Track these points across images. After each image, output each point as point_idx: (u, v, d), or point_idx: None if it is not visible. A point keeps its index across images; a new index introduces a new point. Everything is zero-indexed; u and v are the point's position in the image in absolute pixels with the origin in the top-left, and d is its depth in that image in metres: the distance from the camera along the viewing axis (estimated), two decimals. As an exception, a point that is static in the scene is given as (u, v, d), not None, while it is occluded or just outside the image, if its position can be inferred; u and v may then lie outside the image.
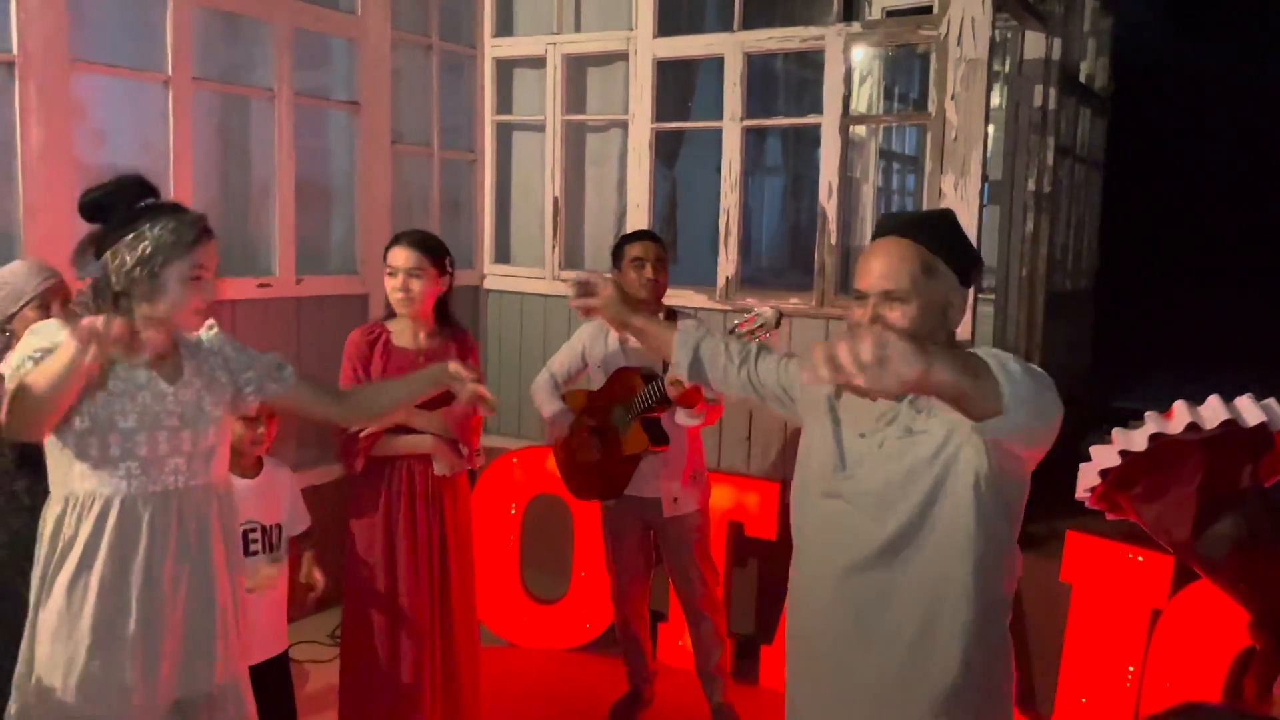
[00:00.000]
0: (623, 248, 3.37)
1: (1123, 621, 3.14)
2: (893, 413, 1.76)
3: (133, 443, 1.94)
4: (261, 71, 4.06)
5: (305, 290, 4.17)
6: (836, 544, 1.80)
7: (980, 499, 1.68)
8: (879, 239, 1.79)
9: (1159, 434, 1.94)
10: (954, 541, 1.70)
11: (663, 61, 4.52)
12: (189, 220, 1.97)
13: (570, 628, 4.09)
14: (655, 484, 3.33)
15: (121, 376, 1.95)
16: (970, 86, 3.80)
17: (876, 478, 1.75)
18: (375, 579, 2.84)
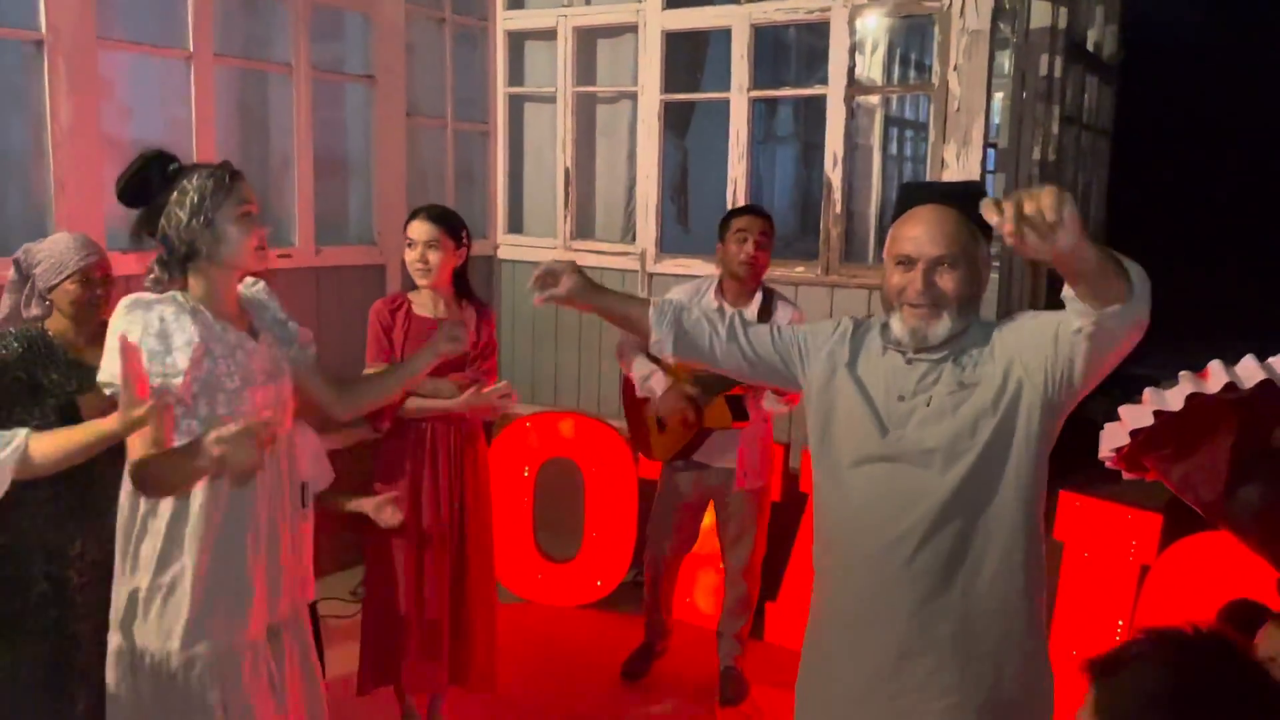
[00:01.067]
0: (729, 221, 3.37)
1: (1113, 577, 3.26)
2: (935, 373, 1.83)
3: (239, 399, 2.04)
4: (280, 47, 4.16)
5: (324, 260, 4.30)
6: (898, 504, 1.82)
7: (1041, 436, 1.78)
8: (918, 207, 1.85)
9: (1196, 394, 1.98)
10: (1021, 479, 1.79)
11: (672, 33, 4.59)
12: (218, 165, 2.07)
13: (582, 585, 4.25)
14: (730, 455, 3.37)
15: (220, 338, 2.03)
16: (973, 57, 3.86)
17: (939, 433, 1.79)
18: (398, 536, 2.98)
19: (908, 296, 1.82)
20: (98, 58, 3.42)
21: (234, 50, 4.07)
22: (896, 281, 1.84)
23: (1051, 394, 1.76)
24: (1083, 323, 1.61)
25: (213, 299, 2.07)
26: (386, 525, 2.88)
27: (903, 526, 1.82)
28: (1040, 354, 1.75)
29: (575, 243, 4.95)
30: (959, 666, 1.83)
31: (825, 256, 4.26)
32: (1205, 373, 1.97)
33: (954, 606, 1.83)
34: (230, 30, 4.07)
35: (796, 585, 3.93)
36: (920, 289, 1.80)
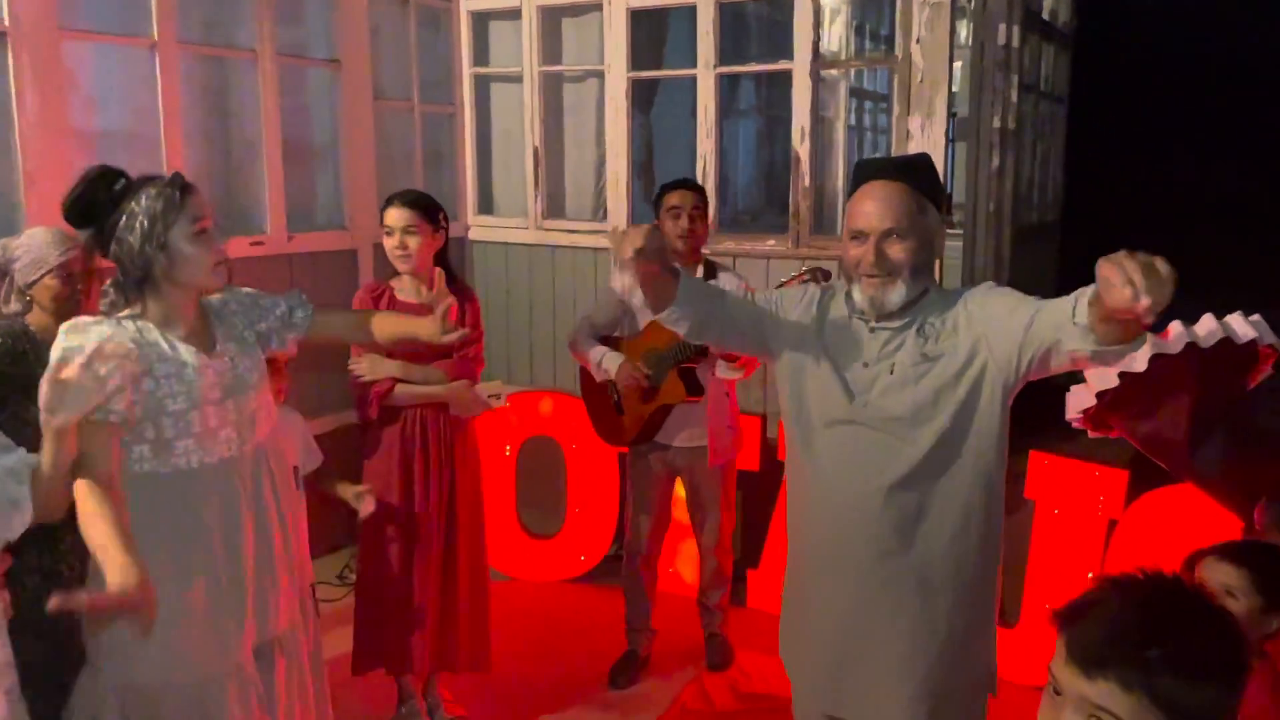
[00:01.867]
0: (662, 196, 3.40)
1: (1082, 533, 3.37)
2: (897, 340, 1.93)
3: (185, 422, 1.97)
4: (245, 33, 4.13)
5: (296, 247, 4.29)
6: (865, 466, 1.93)
7: (1004, 408, 1.89)
8: (869, 182, 1.94)
9: (1159, 355, 2.07)
10: (987, 447, 1.90)
11: (637, 10, 4.61)
12: (167, 181, 1.98)
13: (566, 560, 4.31)
14: (692, 433, 3.40)
15: (166, 358, 1.96)
16: (934, 29, 3.93)
17: (902, 402, 1.90)
18: (389, 520, 3.01)
19: (863, 268, 1.93)
20: (61, 48, 3.39)
21: (198, 37, 4.04)
22: (853, 254, 1.95)
23: (1012, 377, 1.87)
24: (1080, 346, 1.69)
25: (170, 318, 2.00)
26: (363, 514, 2.89)
27: (869, 486, 1.93)
28: (1010, 339, 1.83)
29: (547, 222, 4.97)
30: (911, 619, 1.96)
31: (795, 229, 4.32)
32: (1166, 333, 2.07)
33: (912, 563, 1.94)
34: (194, 17, 4.03)
35: (777, 553, 4.02)
36: (873, 260, 1.91)
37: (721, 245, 4.49)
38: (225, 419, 2.03)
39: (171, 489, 1.98)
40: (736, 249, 4.46)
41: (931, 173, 1.99)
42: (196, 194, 2.00)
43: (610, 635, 3.71)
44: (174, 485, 1.98)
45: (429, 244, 3.00)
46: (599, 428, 3.58)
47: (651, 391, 3.35)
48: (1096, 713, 1.07)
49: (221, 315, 2.14)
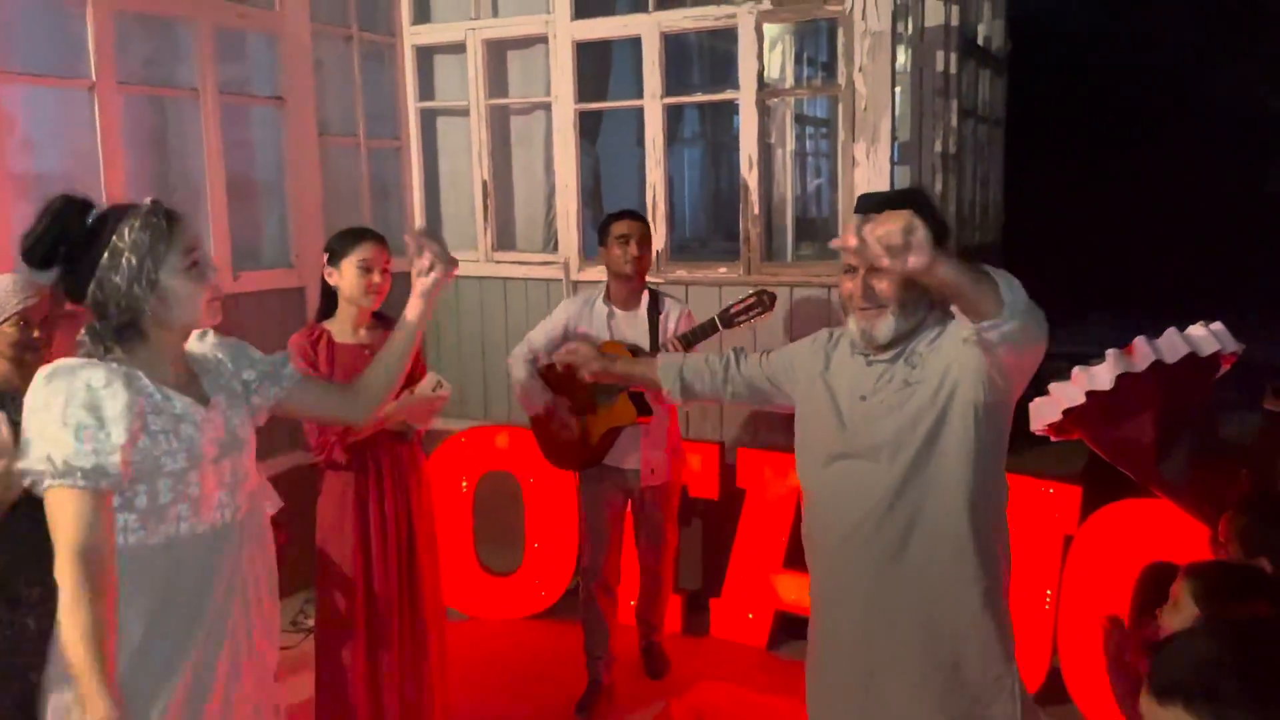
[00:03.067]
0: (608, 225, 3.44)
1: (1038, 549, 3.42)
2: (889, 373, 1.98)
3: (183, 484, 1.75)
4: (187, 71, 4.07)
5: (242, 286, 4.22)
6: (854, 496, 1.97)
7: (978, 427, 1.90)
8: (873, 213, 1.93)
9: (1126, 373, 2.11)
10: (961, 471, 1.92)
11: (582, 43, 4.63)
12: (150, 210, 1.76)
13: (526, 597, 4.26)
14: (636, 455, 3.43)
15: (160, 410, 1.74)
16: (876, 58, 4.00)
17: (886, 429, 1.94)
18: (346, 564, 2.92)
19: (855, 301, 1.99)
20: (-4, 91, 3.31)
21: (138, 77, 3.97)
22: (847, 288, 2.01)
23: (981, 394, 1.90)
24: (966, 334, 1.76)
25: (157, 365, 1.78)
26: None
27: (857, 516, 1.98)
28: (973, 356, 1.87)
29: (497, 254, 4.95)
30: (920, 647, 1.96)
31: (746, 256, 4.35)
32: (1131, 349, 2.11)
33: (908, 593, 1.96)
34: (134, 57, 3.97)
35: (739, 582, 4.02)
36: (860, 293, 1.96)
37: (674, 273, 4.51)
38: (220, 481, 1.81)
39: (159, 561, 1.75)
40: (689, 276, 4.48)
41: (931, 206, 2.01)
42: (185, 222, 1.80)
43: (575, 670, 3.65)
44: (162, 556, 1.75)
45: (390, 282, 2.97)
46: (547, 452, 3.57)
47: (598, 416, 3.37)
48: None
49: (207, 363, 1.91)
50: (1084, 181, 7.30)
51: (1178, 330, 2.11)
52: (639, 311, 3.45)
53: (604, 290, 3.52)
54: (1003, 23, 6.19)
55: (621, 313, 3.47)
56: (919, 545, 1.95)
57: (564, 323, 3.51)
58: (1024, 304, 1.68)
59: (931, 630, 1.97)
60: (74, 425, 1.65)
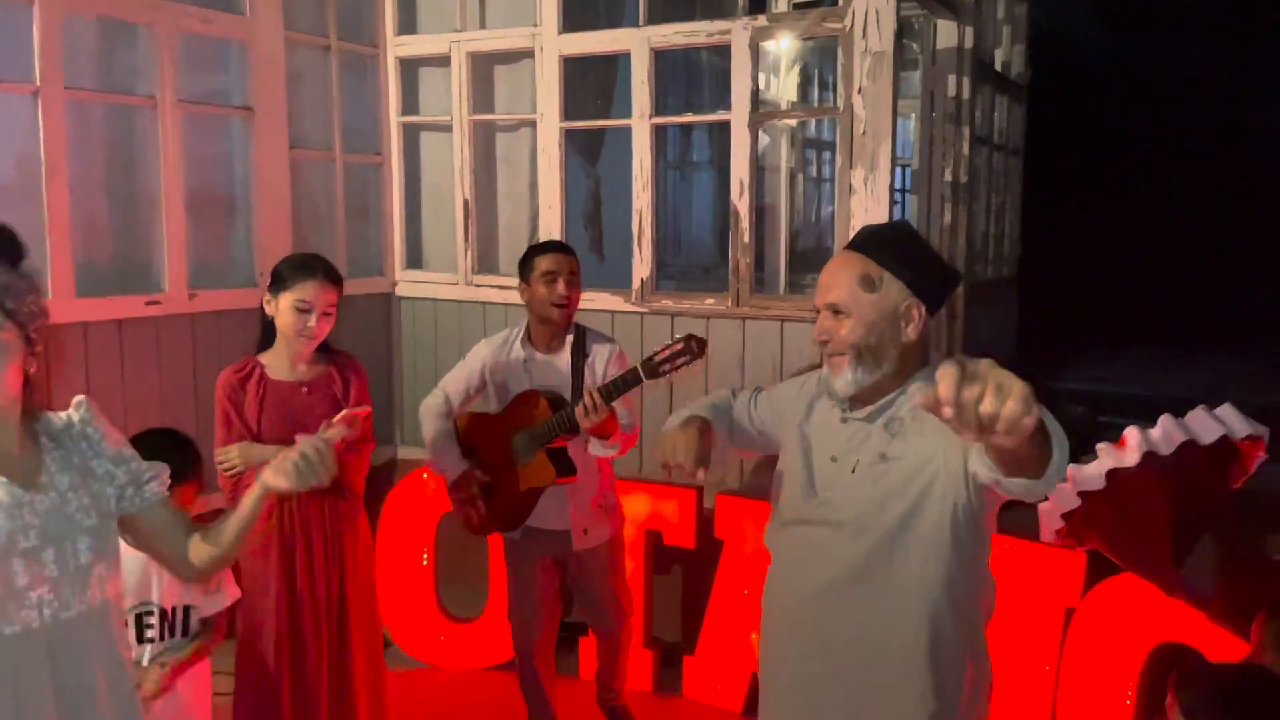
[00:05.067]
0: (531, 260, 3.08)
1: (1038, 619, 3.11)
2: (864, 434, 1.75)
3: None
4: (148, 79, 3.86)
5: (200, 305, 3.99)
6: (806, 568, 1.79)
7: (956, 525, 1.66)
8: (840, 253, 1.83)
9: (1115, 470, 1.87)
10: (932, 563, 1.68)
11: (571, 58, 4.40)
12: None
13: (488, 645, 3.97)
14: (563, 515, 3.06)
15: None
16: (877, 79, 3.73)
17: (851, 504, 1.73)
18: (269, 618, 2.68)
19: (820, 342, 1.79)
20: (-75, 93, 3.11)
21: (97, 83, 3.77)
22: (818, 326, 1.80)
23: (963, 495, 1.65)
24: (984, 474, 1.49)
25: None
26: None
27: (808, 590, 1.78)
28: (960, 454, 1.61)
29: (477, 277, 4.71)
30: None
31: (735, 288, 4.08)
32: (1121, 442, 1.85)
33: (844, 692, 1.74)
34: (91, 62, 3.77)
35: (715, 637, 3.72)
36: (816, 335, 1.77)
37: (659, 303, 4.24)
38: (40, 574, 1.53)
39: None
40: (674, 307, 4.21)
41: (899, 241, 1.78)
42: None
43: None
44: None
45: (332, 323, 2.71)
46: (463, 519, 3.13)
47: (515, 475, 3.01)
48: None
49: (64, 438, 1.65)
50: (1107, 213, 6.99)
51: (1174, 417, 1.82)
52: (562, 354, 3.06)
53: (523, 330, 3.13)
54: (1023, 49, 5.93)
55: (541, 356, 3.07)
56: (864, 641, 1.72)
57: (480, 368, 3.15)
58: (1062, 465, 1.40)
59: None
60: None
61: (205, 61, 4.18)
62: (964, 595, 1.71)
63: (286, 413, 2.66)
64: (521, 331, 3.14)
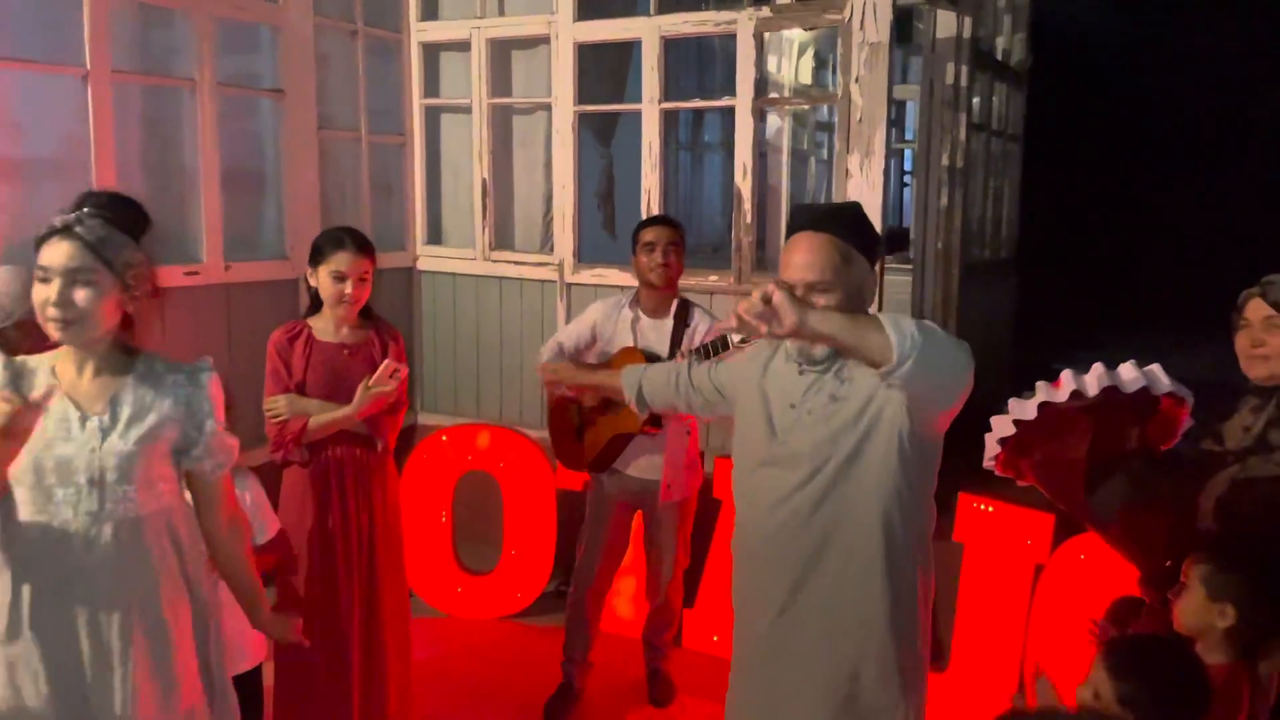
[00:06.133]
0: (637, 233, 3.41)
1: (1010, 576, 3.35)
2: (818, 384, 1.98)
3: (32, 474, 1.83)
4: (187, 61, 4.11)
5: (234, 276, 4.25)
6: (773, 503, 2.00)
7: (902, 452, 1.90)
8: (799, 233, 1.98)
9: (1046, 402, 2.10)
10: (876, 491, 1.92)
11: (585, 44, 4.61)
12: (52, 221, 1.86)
13: (502, 597, 4.25)
14: (653, 467, 3.35)
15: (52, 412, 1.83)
16: (873, 69, 3.94)
17: (806, 440, 1.96)
18: (304, 560, 2.93)
19: None
20: (-13, 76, 3.36)
21: (138, 65, 4.02)
22: None
23: (906, 421, 1.89)
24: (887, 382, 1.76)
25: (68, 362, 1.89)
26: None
27: (774, 523, 2.01)
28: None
29: (494, 254, 4.95)
30: (823, 657, 1.98)
31: (737, 265, 4.31)
32: (1058, 382, 2.08)
33: (815, 608, 1.97)
34: (133, 45, 4.02)
35: (712, 592, 3.98)
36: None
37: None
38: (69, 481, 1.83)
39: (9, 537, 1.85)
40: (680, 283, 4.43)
41: (860, 222, 2.02)
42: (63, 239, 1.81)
43: (547, 673, 3.62)
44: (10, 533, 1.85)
45: (370, 288, 2.97)
46: (559, 450, 3.54)
47: (608, 421, 3.31)
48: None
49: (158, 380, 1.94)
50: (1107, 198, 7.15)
51: (1106, 366, 2.06)
52: (666, 320, 3.37)
53: (634, 295, 3.46)
54: (1024, 36, 6.08)
55: (647, 319, 3.39)
56: (830, 562, 1.96)
57: (591, 324, 3.47)
58: (916, 345, 1.65)
59: (833, 648, 1.98)
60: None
61: (239, 45, 4.42)
62: (913, 510, 1.95)
63: (329, 371, 2.92)
64: (632, 296, 3.45)
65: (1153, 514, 2.11)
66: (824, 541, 1.95)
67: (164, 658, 1.92)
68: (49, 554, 1.83)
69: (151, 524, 1.91)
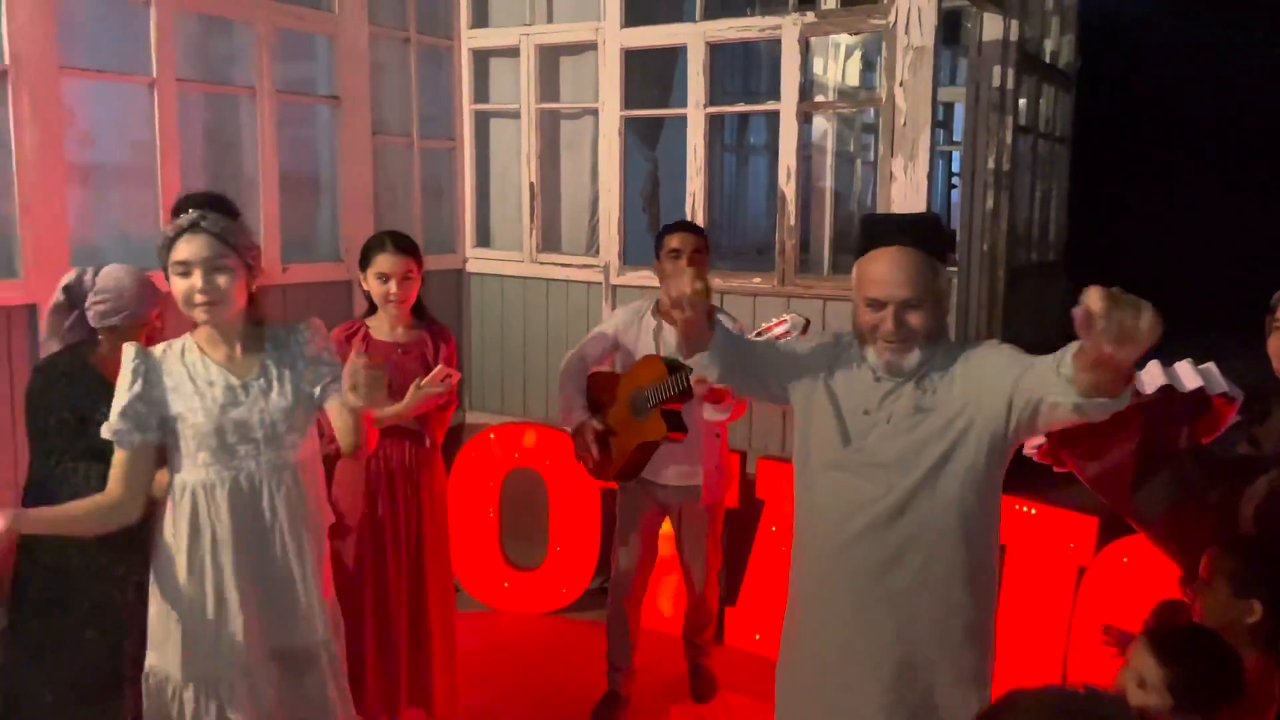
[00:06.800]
0: (662, 238, 3.36)
1: (1051, 579, 3.35)
2: (897, 392, 1.97)
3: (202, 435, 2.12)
4: (248, 69, 4.26)
5: (291, 278, 4.38)
6: (848, 509, 1.98)
7: (990, 459, 1.90)
8: (882, 248, 1.95)
9: None
10: (970, 502, 1.92)
11: (631, 50, 4.69)
12: (177, 220, 2.09)
13: (547, 593, 4.33)
14: (680, 470, 3.36)
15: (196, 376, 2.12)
16: (918, 73, 3.96)
17: (889, 450, 1.94)
18: (353, 548, 3.05)
19: (881, 334, 1.95)
20: (60, 86, 3.51)
21: (199, 74, 4.16)
22: (868, 320, 1.97)
23: (1001, 432, 1.88)
24: (1063, 400, 1.71)
25: (210, 342, 2.15)
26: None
27: (851, 529, 1.98)
28: (1000, 396, 1.86)
29: (541, 256, 5.04)
30: (896, 666, 1.97)
31: (781, 268, 4.35)
32: None
33: (892, 612, 1.96)
34: (195, 54, 4.16)
35: (756, 590, 4.02)
36: (892, 329, 1.93)
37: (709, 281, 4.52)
38: (246, 437, 2.14)
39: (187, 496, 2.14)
40: (723, 285, 4.50)
41: (940, 232, 2.02)
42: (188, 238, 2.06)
43: (590, 670, 3.69)
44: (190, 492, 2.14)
45: (417, 286, 3.07)
46: (585, 464, 3.50)
47: (632, 429, 3.30)
48: None
49: (283, 343, 2.23)
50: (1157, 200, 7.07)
51: (1161, 363, 2.07)
52: None
53: (655, 302, 3.43)
54: (1072, 37, 6.05)
55: (670, 327, 3.33)
56: (909, 568, 1.95)
57: (613, 333, 3.46)
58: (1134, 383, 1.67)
59: (910, 653, 1.97)
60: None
61: (296, 54, 4.57)
62: (993, 515, 1.97)
63: None
64: (653, 303, 3.43)
65: (1197, 513, 2.12)
66: (903, 548, 1.94)
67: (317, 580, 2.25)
68: (237, 501, 2.13)
69: (306, 467, 2.25)
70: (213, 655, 2.13)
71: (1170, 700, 1.80)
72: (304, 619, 2.21)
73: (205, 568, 2.13)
